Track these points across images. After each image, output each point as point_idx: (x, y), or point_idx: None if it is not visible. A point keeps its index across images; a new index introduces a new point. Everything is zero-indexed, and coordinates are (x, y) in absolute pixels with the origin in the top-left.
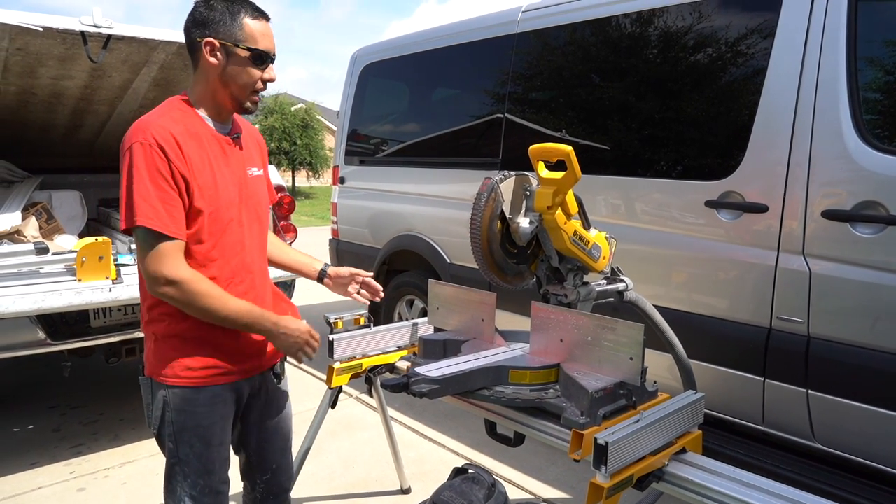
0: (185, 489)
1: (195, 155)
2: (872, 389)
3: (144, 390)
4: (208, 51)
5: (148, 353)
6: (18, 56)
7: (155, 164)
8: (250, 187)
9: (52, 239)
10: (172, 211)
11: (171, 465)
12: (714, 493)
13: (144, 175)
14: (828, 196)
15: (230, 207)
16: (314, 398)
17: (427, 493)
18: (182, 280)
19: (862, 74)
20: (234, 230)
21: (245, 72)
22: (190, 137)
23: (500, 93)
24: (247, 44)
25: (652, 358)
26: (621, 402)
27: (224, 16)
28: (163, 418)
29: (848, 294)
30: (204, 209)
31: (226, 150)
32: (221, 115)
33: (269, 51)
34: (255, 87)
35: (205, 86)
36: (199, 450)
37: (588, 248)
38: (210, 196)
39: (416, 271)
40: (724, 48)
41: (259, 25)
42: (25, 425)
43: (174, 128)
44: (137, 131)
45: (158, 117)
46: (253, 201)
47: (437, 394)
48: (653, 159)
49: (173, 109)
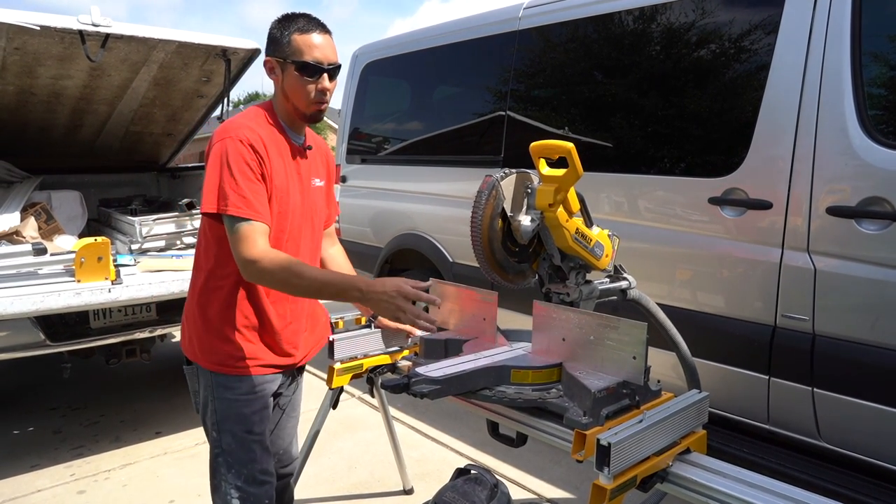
0: (230, 480)
1: (275, 159)
2: (878, 387)
3: (191, 379)
4: (268, 69)
5: (190, 340)
6: (17, 55)
7: (245, 159)
8: (311, 196)
9: (51, 239)
10: (260, 199)
11: (215, 455)
12: (719, 493)
13: (235, 167)
14: (832, 192)
15: (294, 211)
16: (315, 399)
17: (430, 493)
18: (274, 257)
19: (866, 69)
20: (294, 232)
21: (297, 84)
22: (272, 143)
23: (502, 90)
24: (293, 58)
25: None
26: (624, 402)
27: (278, 34)
28: (206, 406)
29: (853, 291)
30: (275, 209)
31: (297, 160)
32: (295, 125)
33: (319, 61)
34: (310, 97)
35: (277, 99)
36: (241, 438)
37: (590, 245)
38: (281, 198)
39: (417, 270)
40: (727, 44)
41: (307, 39)
42: (25, 427)
43: (261, 131)
44: (229, 129)
45: (248, 121)
46: (311, 209)
47: (438, 394)
48: (656, 156)
49: (259, 116)
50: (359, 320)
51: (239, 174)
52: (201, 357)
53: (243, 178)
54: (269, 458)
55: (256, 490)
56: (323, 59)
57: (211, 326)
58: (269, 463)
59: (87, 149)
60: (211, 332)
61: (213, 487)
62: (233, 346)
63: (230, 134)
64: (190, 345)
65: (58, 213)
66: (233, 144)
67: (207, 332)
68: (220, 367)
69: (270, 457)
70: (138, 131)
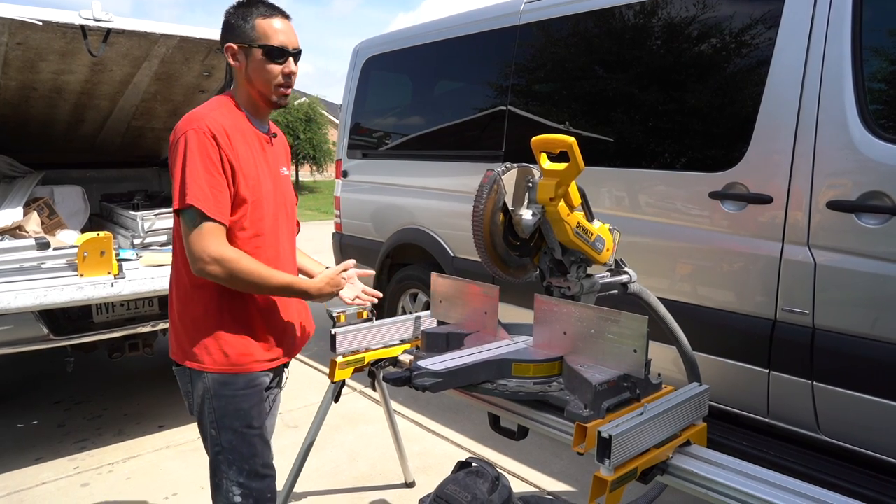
0: (232, 477)
1: (242, 147)
2: (877, 380)
3: (182, 380)
4: (230, 55)
5: (179, 340)
6: (18, 51)
7: (207, 151)
8: (281, 184)
9: (54, 234)
10: (219, 196)
11: (215, 454)
12: (719, 485)
13: (197, 160)
14: (833, 187)
15: (268, 199)
16: (317, 392)
17: (431, 486)
18: (227, 258)
19: (867, 64)
20: (271, 220)
21: (264, 69)
22: (237, 131)
23: (503, 85)
24: (259, 42)
25: (656, 350)
26: (625, 395)
27: (238, 20)
28: (203, 406)
29: (853, 285)
30: (248, 198)
31: (264, 147)
32: (259, 112)
33: (285, 45)
34: (276, 81)
35: (239, 87)
36: (241, 433)
37: (591, 240)
38: (253, 186)
39: (419, 265)
40: (728, 38)
41: (270, 23)
42: (29, 420)
43: (224, 121)
44: (191, 121)
45: (210, 111)
46: (284, 196)
47: (439, 387)
48: (657, 151)
49: (222, 106)
50: (361, 314)
51: (202, 168)
52: (192, 355)
53: (205, 173)
54: (269, 452)
55: (259, 484)
56: (288, 42)
57: (200, 326)
58: (270, 456)
59: (88, 144)
60: (201, 332)
61: (213, 486)
62: (223, 342)
63: (192, 126)
64: (179, 347)
65: (60, 208)
66: (194, 137)
67: (197, 332)
68: (215, 366)
69: (270, 450)
70: (140, 126)
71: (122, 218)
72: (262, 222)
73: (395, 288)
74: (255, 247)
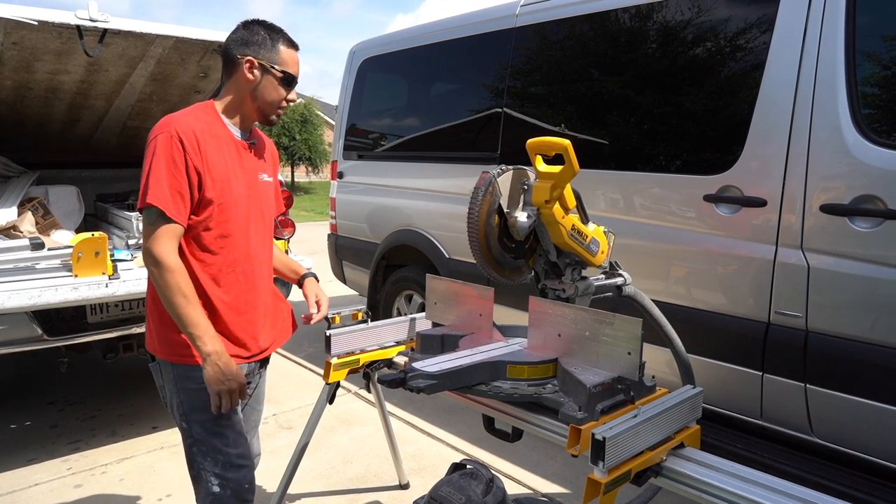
0: (207, 468)
1: (212, 152)
2: (870, 384)
3: (156, 374)
4: (247, 67)
5: (151, 334)
6: (14, 50)
7: (172, 154)
8: (259, 189)
9: (48, 234)
10: (178, 198)
11: (189, 447)
12: (712, 488)
13: (162, 162)
14: (826, 190)
15: (238, 202)
16: (312, 394)
17: (425, 488)
18: (166, 265)
19: (860, 69)
20: (240, 223)
21: (275, 90)
22: (210, 137)
23: (499, 87)
24: (281, 67)
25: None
26: (619, 397)
27: (265, 40)
28: (173, 399)
29: (846, 288)
30: (214, 199)
31: (241, 154)
32: (245, 123)
33: (296, 76)
34: (280, 104)
35: (235, 96)
36: (209, 425)
37: (586, 242)
38: (221, 189)
39: (414, 266)
40: (722, 42)
41: (292, 54)
42: (23, 421)
43: (196, 126)
44: (163, 125)
45: (184, 116)
46: (260, 202)
47: (434, 389)
48: (651, 154)
49: (199, 112)
50: (356, 316)
51: (165, 170)
52: (160, 350)
53: (168, 175)
54: (245, 442)
55: (235, 475)
56: (298, 74)
57: (165, 318)
58: (246, 447)
59: (84, 144)
60: (165, 324)
61: (193, 479)
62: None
63: (163, 130)
64: (150, 340)
65: (55, 208)
66: (162, 140)
67: (163, 325)
68: (179, 358)
69: (246, 441)
70: (136, 126)
71: (116, 218)
72: (229, 224)
73: (391, 289)
74: (220, 247)
